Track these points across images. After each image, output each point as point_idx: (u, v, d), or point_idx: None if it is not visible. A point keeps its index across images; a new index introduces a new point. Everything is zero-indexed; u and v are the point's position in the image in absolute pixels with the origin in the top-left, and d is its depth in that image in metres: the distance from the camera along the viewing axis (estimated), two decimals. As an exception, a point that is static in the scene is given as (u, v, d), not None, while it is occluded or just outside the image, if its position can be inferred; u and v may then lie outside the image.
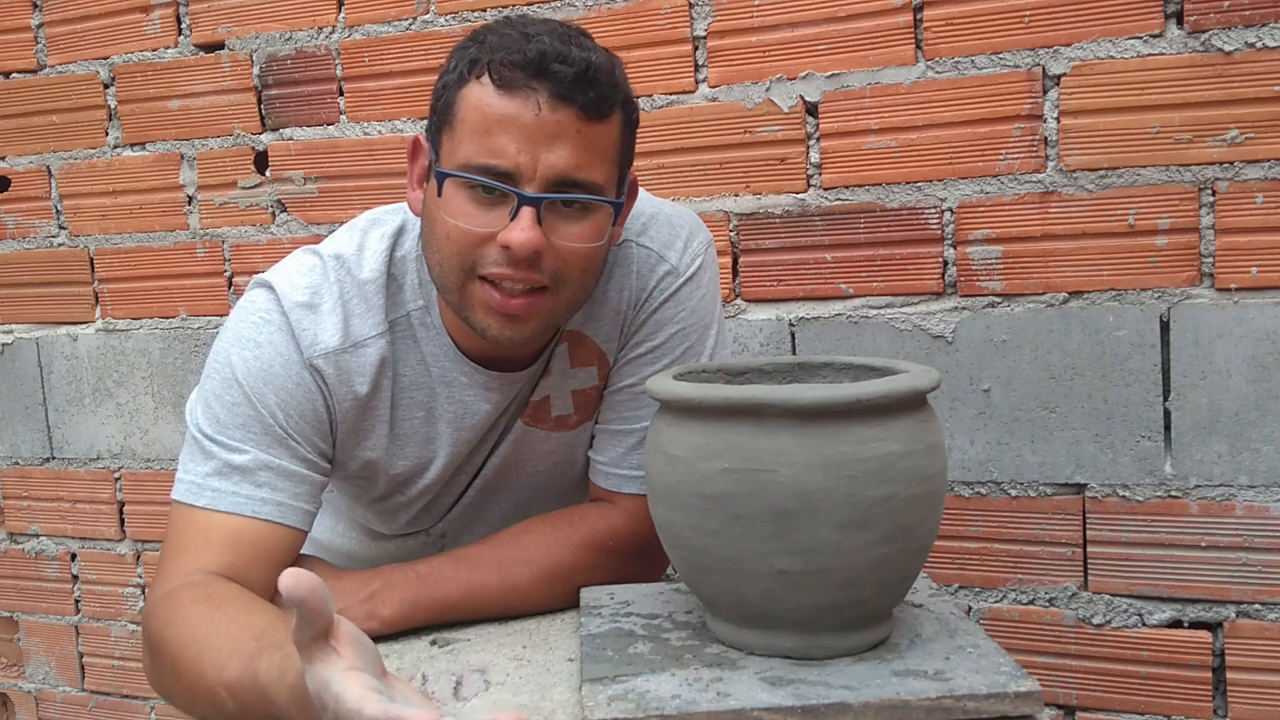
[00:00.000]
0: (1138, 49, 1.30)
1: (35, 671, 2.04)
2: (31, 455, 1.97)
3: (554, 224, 0.93)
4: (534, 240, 0.90)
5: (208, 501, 0.96)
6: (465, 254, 0.93)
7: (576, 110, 0.90)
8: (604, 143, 0.94)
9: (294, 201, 1.74)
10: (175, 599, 0.91)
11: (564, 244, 0.93)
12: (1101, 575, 1.38)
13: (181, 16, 1.76)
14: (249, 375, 0.98)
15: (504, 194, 0.91)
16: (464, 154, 0.92)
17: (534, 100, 0.90)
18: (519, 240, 0.90)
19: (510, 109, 0.90)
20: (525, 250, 0.90)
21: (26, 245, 1.92)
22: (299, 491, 0.98)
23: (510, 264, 0.92)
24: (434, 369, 1.05)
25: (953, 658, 0.81)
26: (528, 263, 0.92)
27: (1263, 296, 1.28)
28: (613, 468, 1.10)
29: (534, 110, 0.90)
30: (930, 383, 0.82)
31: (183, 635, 0.87)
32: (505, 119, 0.90)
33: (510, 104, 0.90)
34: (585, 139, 0.92)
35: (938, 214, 1.41)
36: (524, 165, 0.90)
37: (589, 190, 0.93)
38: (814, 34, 1.43)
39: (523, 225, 0.90)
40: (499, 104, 0.90)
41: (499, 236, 0.92)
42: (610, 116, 0.94)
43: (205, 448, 0.98)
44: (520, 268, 0.92)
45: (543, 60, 0.89)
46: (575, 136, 0.91)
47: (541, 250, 0.92)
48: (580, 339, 1.09)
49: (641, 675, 0.81)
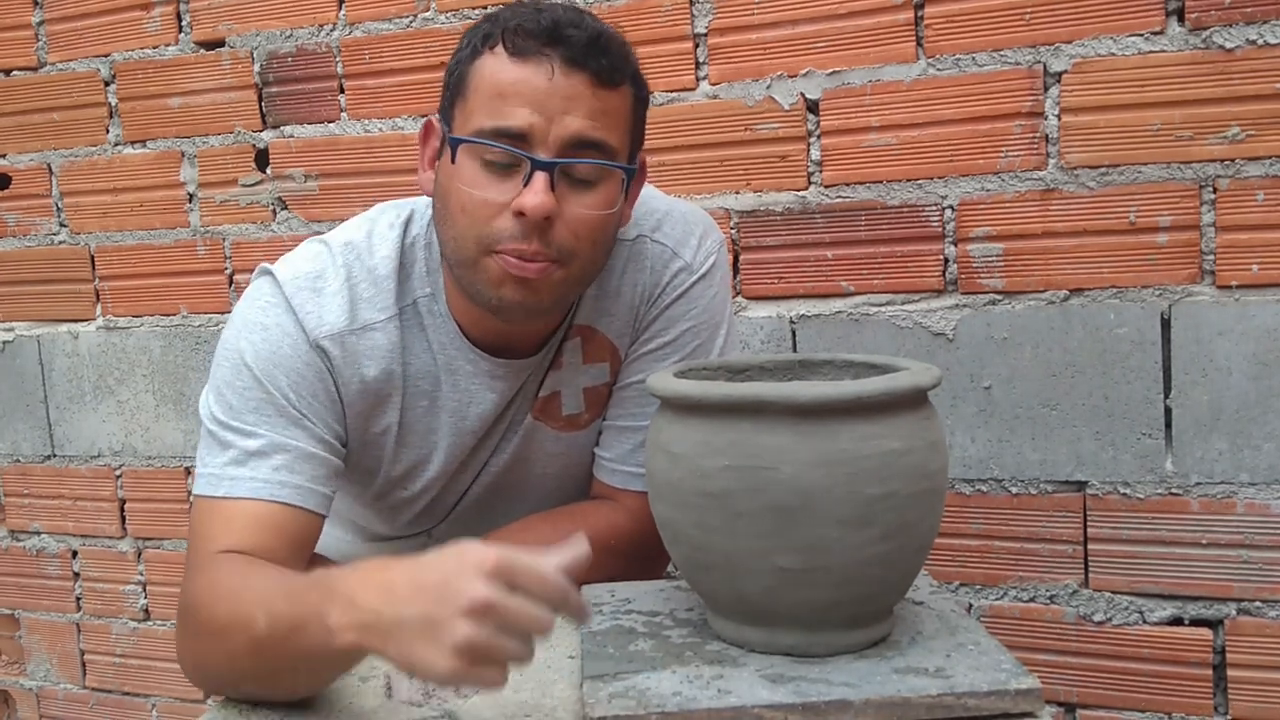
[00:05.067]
0: (1139, 46, 1.30)
1: (36, 669, 2.04)
2: (32, 453, 1.97)
3: (565, 193, 0.93)
4: (547, 204, 0.91)
5: (227, 490, 0.95)
6: (480, 224, 0.94)
7: (589, 75, 0.92)
8: (617, 109, 0.95)
9: (295, 199, 1.74)
10: (214, 566, 0.90)
11: (575, 212, 0.94)
12: (1102, 573, 1.38)
13: (182, 14, 1.76)
14: (258, 359, 0.98)
15: (516, 161, 0.92)
16: (477, 120, 0.93)
17: (547, 65, 0.91)
18: (532, 204, 0.91)
19: (524, 74, 0.91)
20: (539, 214, 0.91)
21: (27, 243, 1.92)
22: (317, 474, 0.98)
23: (523, 234, 0.92)
24: (439, 357, 1.06)
25: (953, 655, 0.81)
26: (539, 231, 0.92)
27: (1264, 294, 1.28)
28: (618, 464, 1.11)
29: (547, 75, 0.91)
30: (931, 380, 0.82)
31: (220, 585, 0.87)
32: (519, 83, 0.91)
33: (524, 70, 0.91)
34: (598, 103, 0.93)
35: (938, 211, 1.40)
36: (538, 127, 0.91)
37: (602, 150, 0.94)
38: (815, 31, 1.43)
39: (535, 190, 0.91)
40: (512, 70, 0.92)
41: (513, 203, 0.92)
42: (621, 85, 0.95)
43: (221, 437, 0.97)
44: (532, 238, 0.93)
45: (555, 27, 0.91)
46: (589, 100, 0.92)
47: (553, 216, 0.92)
48: (593, 334, 1.09)
49: (642, 672, 0.81)
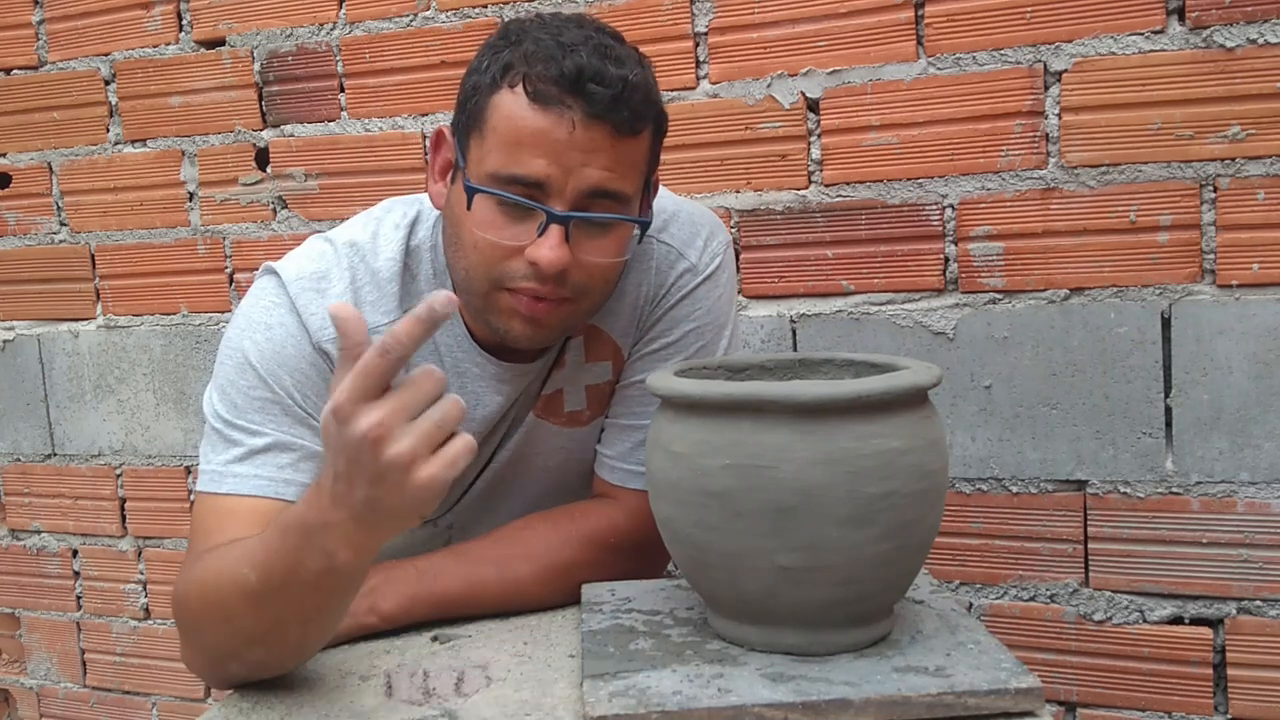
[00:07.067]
0: (1139, 45, 1.30)
1: (37, 667, 2.04)
2: (33, 452, 1.97)
3: (580, 240, 0.93)
4: (562, 259, 0.91)
5: (230, 487, 0.95)
6: (492, 265, 0.94)
7: (610, 129, 0.90)
8: (634, 156, 0.94)
9: (295, 198, 1.74)
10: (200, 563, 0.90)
11: (589, 259, 0.94)
12: (1102, 572, 1.38)
13: (183, 13, 1.76)
14: (262, 358, 0.98)
15: (532, 208, 0.91)
16: (493, 163, 0.92)
17: (568, 119, 0.89)
18: (547, 259, 0.91)
19: (543, 124, 0.90)
20: (553, 269, 0.91)
21: (28, 242, 1.92)
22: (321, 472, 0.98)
23: (537, 279, 0.93)
24: (446, 359, 1.06)
25: (954, 654, 0.81)
26: (554, 279, 0.93)
27: (1264, 293, 1.28)
28: (619, 462, 1.11)
29: (568, 129, 0.89)
30: (931, 379, 0.82)
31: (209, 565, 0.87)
32: (538, 134, 0.90)
33: (544, 119, 0.90)
34: (617, 154, 0.92)
35: (939, 210, 1.40)
36: (555, 178, 0.90)
37: (616, 199, 0.93)
38: (815, 30, 1.43)
39: (551, 244, 0.91)
40: (532, 118, 0.90)
41: (526, 252, 0.92)
42: (643, 133, 0.94)
43: (225, 435, 0.97)
44: (546, 283, 0.93)
45: (579, 77, 0.89)
46: (608, 151, 0.91)
47: (569, 268, 0.92)
48: (596, 333, 1.09)
49: (643, 671, 0.81)
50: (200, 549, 0.93)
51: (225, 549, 0.87)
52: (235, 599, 0.82)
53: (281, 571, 0.79)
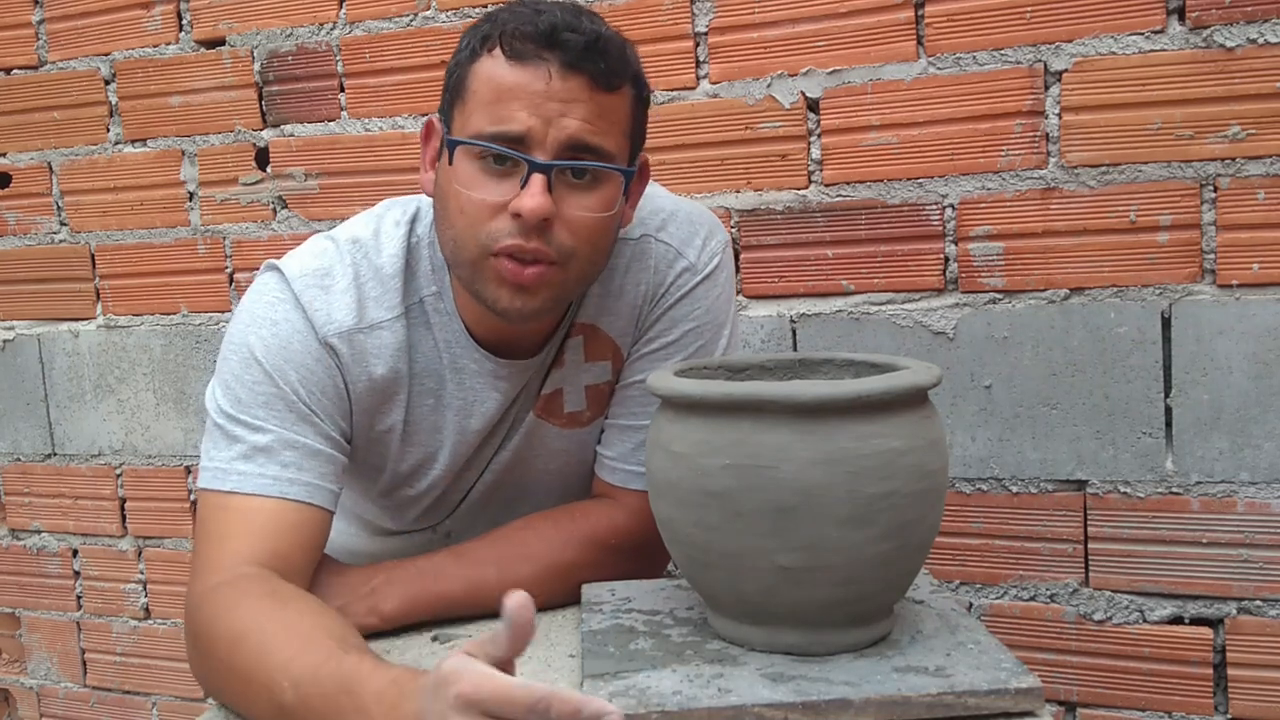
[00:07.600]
0: (1139, 45, 1.30)
1: (37, 667, 2.04)
2: (33, 451, 1.97)
3: (564, 194, 0.93)
4: (544, 207, 0.91)
5: (234, 485, 0.95)
6: (478, 226, 0.94)
7: (587, 79, 0.91)
8: (615, 112, 0.95)
9: (295, 198, 1.74)
10: (233, 589, 0.88)
11: (573, 214, 0.94)
12: (1102, 572, 1.38)
13: (183, 13, 1.76)
14: (268, 353, 0.97)
15: (515, 163, 0.92)
16: (476, 124, 0.93)
17: (545, 69, 0.91)
18: (529, 207, 0.90)
19: (522, 78, 0.91)
20: (535, 216, 0.91)
21: (28, 242, 1.92)
22: (325, 471, 0.97)
23: (521, 234, 0.92)
24: (445, 355, 1.06)
25: (954, 654, 0.81)
26: (538, 231, 0.92)
27: (1264, 293, 1.28)
28: (619, 463, 1.11)
29: (545, 79, 0.91)
30: (931, 379, 0.82)
31: (244, 623, 0.84)
32: (516, 87, 0.91)
33: (522, 74, 0.91)
34: (596, 107, 0.92)
35: (939, 210, 1.40)
36: (535, 130, 0.91)
37: (599, 156, 0.94)
38: (815, 30, 1.43)
39: (533, 192, 0.91)
40: (510, 74, 0.91)
41: (510, 204, 0.92)
42: (621, 88, 0.95)
43: (229, 431, 0.97)
44: (530, 237, 0.92)
45: (553, 31, 0.90)
46: (586, 104, 0.92)
47: (551, 217, 0.92)
48: (595, 332, 1.09)
49: (643, 671, 0.81)
50: (216, 551, 0.92)
51: (269, 615, 0.84)
52: (265, 703, 0.80)
53: (319, 713, 0.76)
